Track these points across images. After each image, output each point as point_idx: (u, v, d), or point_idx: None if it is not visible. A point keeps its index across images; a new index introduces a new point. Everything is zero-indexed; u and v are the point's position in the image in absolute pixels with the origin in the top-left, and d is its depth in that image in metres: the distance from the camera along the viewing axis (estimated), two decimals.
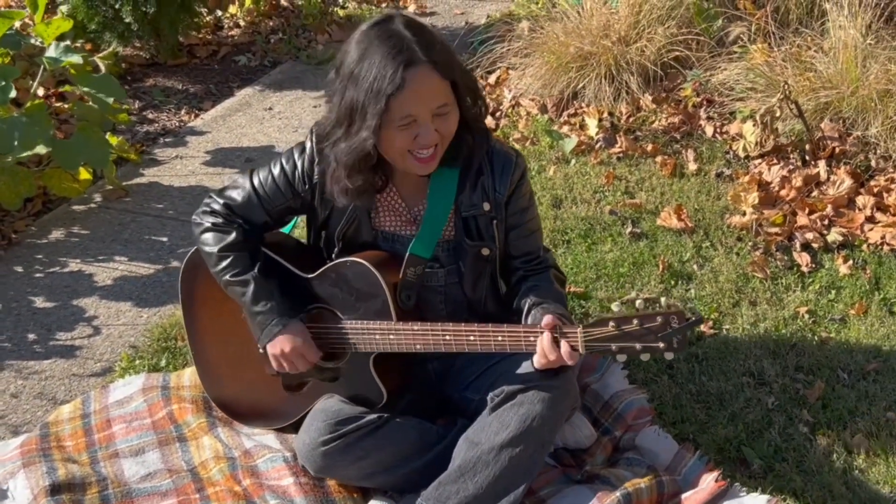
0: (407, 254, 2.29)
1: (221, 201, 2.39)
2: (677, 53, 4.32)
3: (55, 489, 2.34)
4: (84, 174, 3.77)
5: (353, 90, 2.09)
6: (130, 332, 3.09)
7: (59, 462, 2.45)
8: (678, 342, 2.02)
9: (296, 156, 2.34)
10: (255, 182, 2.37)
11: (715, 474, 2.32)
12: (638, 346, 2.04)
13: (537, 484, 2.37)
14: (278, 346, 2.30)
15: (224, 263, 2.33)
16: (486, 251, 2.34)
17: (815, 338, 2.86)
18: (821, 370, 2.73)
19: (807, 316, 2.96)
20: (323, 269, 2.33)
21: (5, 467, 2.47)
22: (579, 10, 4.49)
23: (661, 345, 2.03)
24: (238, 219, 2.37)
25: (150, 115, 4.71)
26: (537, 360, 2.12)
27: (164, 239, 3.63)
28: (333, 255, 2.39)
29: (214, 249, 2.34)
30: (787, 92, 3.66)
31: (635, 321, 2.02)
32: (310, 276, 2.35)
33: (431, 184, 2.30)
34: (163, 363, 2.88)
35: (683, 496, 2.31)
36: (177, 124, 4.63)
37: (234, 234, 2.34)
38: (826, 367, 2.74)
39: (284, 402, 2.49)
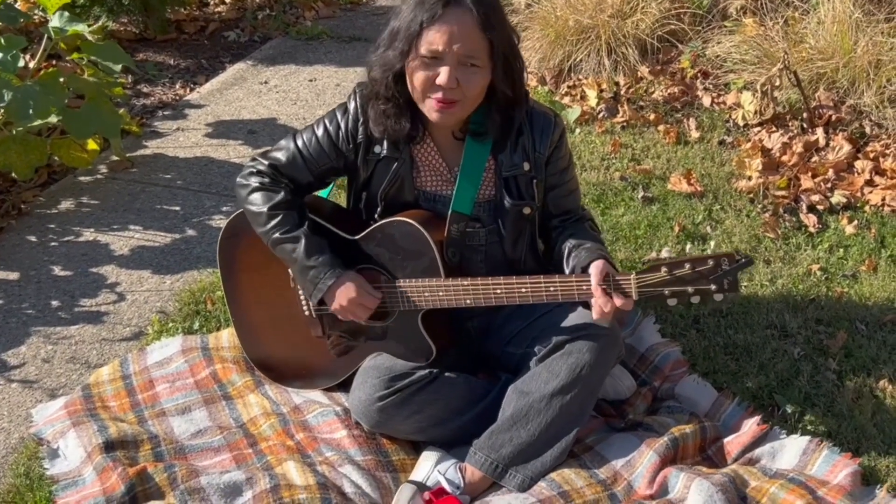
0: (450, 211, 2.33)
1: (266, 162, 2.40)
2: (672, 27, 4.42)
3: (109, 446, 2.35)
4: (92, 144, 3.74)
5: (396, 20, 2.18)
6: (156, 298, 3.10)
7: (108, 420, 2.46)
8: (729, 283, 2.05)
9: (339, 116, 2.37)
10: (300, 143, 2.39)
11: (756, 418, 2.42)
12: (690, 289, 2.07)
13: (582, 433, 2.43)
14: (336, 299, 2.31)
15: (274, 222, 2.34)
16: (527, 210, 2.37)
17: (831, 293, 2.98)
18: (840, 322, 2.84)
19: (819, 273, 3.08)
20: (368, 230, 2.35)
21: (54, 427, 2.47)
22: None
23: (713, 287, 2.05)
24: (284, 178, 2.39)
25: (145, 89, 4.69)
26: (595, 313, 2.15)
27: (177, 208, 3.63)
28: (376, 216, 2.41)
29: (264, 209, 2.35)
30: (787, 62, 3.78)
31: (687, 265, 2.05)
32: (355, 237, 2.37)
33: (468, 142, 2.33)
34: (196, 326, 2.90)
35: (725, 440, 2.39)
36: (173, 98, 4.62)
37: (282, 194, 2.36)
38: (844, 320, 2.85)
39: (330, 362, 2.52)
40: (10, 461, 2.43)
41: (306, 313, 2.48)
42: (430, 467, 2.30)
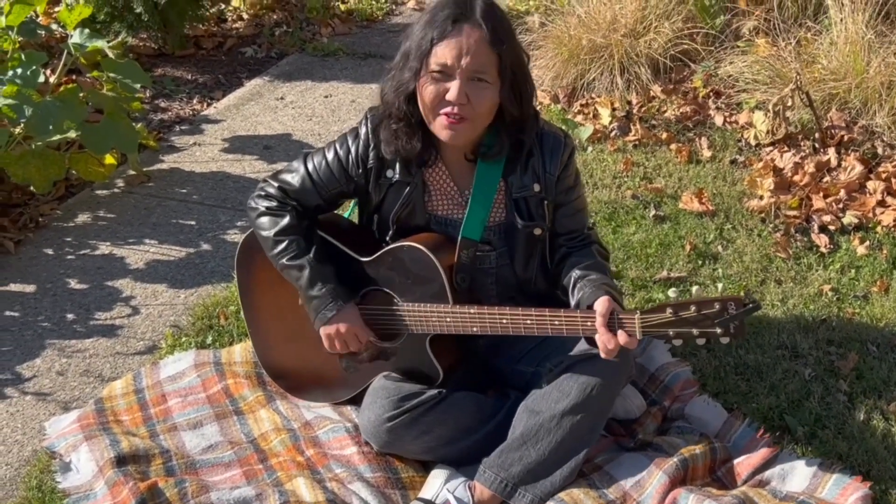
0: (459, 237, 2.34)
1: (276, 185, 2.43)
2: (684, 46, 4.44)
3: (121, 461, 2.37)
4: (109, 159, 3.78)
5: (407, 41, 2.22)
6: (170, 312, 3.12)
7: (120, 435, 2.48)
8: (735, 328, 2.05)
9: (349, 141, 2.38)
10: (310, 167, 2.41)
11: (766, 439, 2.42)
12: (695, 331, 2.07)
13: (592, 452, 2.43)
14: (331, 328, 2.36)
15: (280, 248, 2.36)
16: (538, 231, 2.38)
17: (842, 313, 2.98)
18: (851, 343, 2.84)
19: (831, 293, 3.08)
20: (379, 252, 2.37)
21: (66, 441, 2.49)
22: (587, 4, 4.60)
23: (719, 330, 2.05)
24: (292, 201, 2.41)
25: (163, 104, 4.74)
26: (601, 351, 2.15)
27: (192, 223, 3.66)
28: (388, 238, 2.43)
29: (270, 234, 2.38)
30: (799, 82, 3.79)
31: (693, 307, 2.05)
32: (366, 259, 2.39)
33: (479, 165, 2.34)
34: (209, 341, 2.92)
35: (735, 461, 2.39)
36: (190, 113, 4.67)
37: (287, 218, 2.38)
38: (856, 341, 2.85)
39: (343, 377, 2.53)
40: (22, 474, 2.45)
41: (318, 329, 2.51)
42: (439, 485, 2.30)
